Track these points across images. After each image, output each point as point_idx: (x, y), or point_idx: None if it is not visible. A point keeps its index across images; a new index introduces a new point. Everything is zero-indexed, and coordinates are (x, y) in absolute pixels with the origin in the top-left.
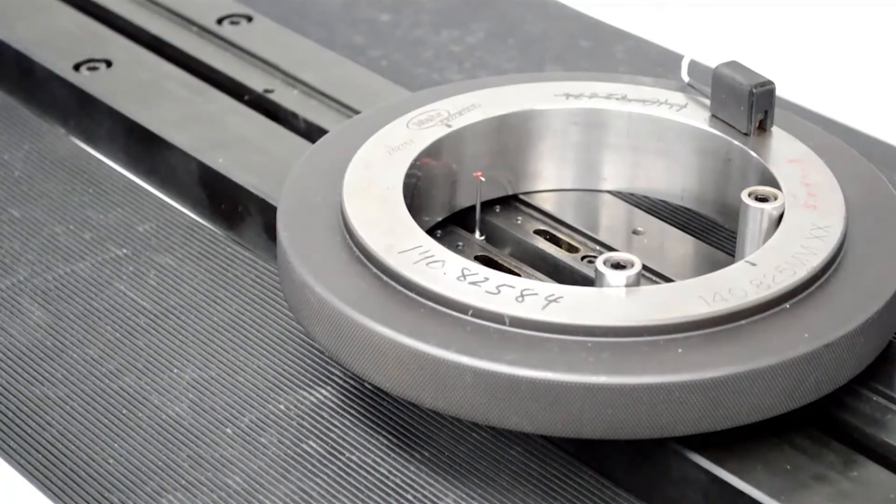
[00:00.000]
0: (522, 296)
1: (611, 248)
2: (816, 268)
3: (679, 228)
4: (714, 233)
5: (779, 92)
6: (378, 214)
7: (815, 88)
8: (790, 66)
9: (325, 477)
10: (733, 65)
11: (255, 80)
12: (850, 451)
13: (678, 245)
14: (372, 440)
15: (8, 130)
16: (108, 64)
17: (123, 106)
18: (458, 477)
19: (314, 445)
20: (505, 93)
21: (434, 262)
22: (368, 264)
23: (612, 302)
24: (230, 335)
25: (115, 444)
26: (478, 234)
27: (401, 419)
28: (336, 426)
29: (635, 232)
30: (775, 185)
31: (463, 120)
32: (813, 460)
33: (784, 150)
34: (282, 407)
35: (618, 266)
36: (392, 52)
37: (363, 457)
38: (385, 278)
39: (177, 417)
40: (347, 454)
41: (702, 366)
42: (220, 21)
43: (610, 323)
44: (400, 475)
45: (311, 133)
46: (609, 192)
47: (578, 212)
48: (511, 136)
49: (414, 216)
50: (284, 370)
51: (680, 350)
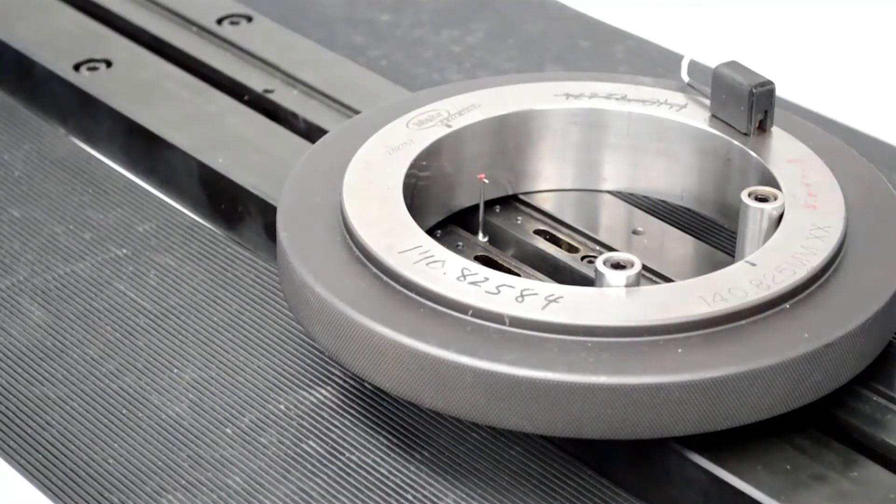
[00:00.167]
0: (522, 296)
1: (611, 248)
2: (816, 268)
3: (679, 228)
4: (714, 233)
5: (779, 92)
6: (378, 214)
7: (815, 88)
8: (790, 66)
9: (325, 477)
10: (733, 65)
11: (254, 80)
12: (850, 451)
13: (678, 245)
14: (372, 440)
15: (8, 130)
16: (108, 64)
17: (123, 106)
18: (458, 477)
19: (314, 445)
20: (505, 93)
21: (434, 262)
22: (368, 264)
23: (612, 302)
24: (230, 335)
25: (115, 444)
26: (481, 235)
27: (401, 419)
28: (336, 426)
29: (635, 232)
30: (775, 185)
31: (463, 120)
32: (813, 460)
33: (784, 150)
34: (282, 407)
35: (618, 266)
36: (392, 52)
37: (363, 457)
38: (385, 278)
39: (177, 417)
40: (347, 454)
41: (702, 366)
42: (219, 21)
43: (610, 323)
44: (400, 475)
45: (311, 133)
46: (609, 192)
47: (578, 212)
48: (511, 136)
49: (414, 216)
50: (284, 370)
51: (680, 350)
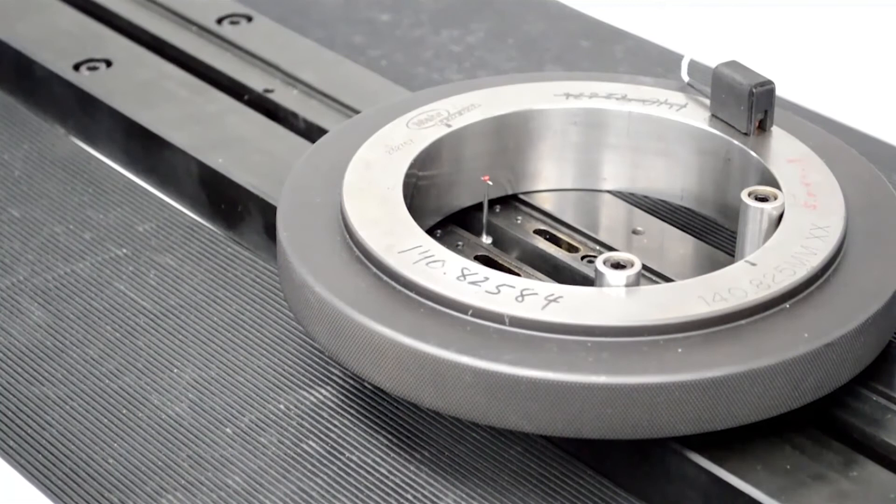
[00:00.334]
0: (522, 295)
1: (611, 248)
2: (816, 268)
3: (679, 228)
4: (714, 233)
5: (779, 92)
6: (378, 214)
7: (815, 88)
8: (790, 66)
9: (325, 477)
10: (733, 65)
11: (254, 79)
12: (849, 450)
13: (678, 245)
14: (372, 440)
15: (8, 130)
16: (108, 64)
17: (123, 106)
18: (458, 477)
19: (314, 445)
20: (505, 93)
21: (434, 261)
22: (368, 264)
23: (611, 302)
24: (230, 335)
25: (115, 444)
26: (485, 237)
27: (401, 419)
28: (336, 426)
29: (635, 232)
30: (775, 184)
31: (463, 120)
32: (813, 460)
33: (784, 150)
34: (282, 407)
35: (618, 266)
36: (392, 51)
37: (363, 457)
38: (385, 278)
39: (177, 417)
40: (347, 454)
41: (702, 366)
42: (219, 21)
43: (610, 323)
44: (400, 475)
45: (311, 133)
46: (609, 191)
47: (578, 212)
48: (511, 135)
49: (414, 216)
50: (284, 370)
51: (680, 350)
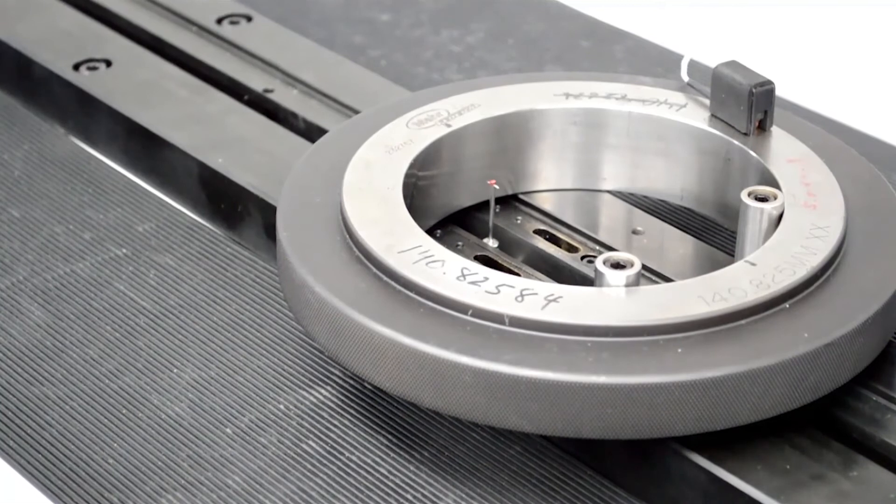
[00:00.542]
0: (522, 295)
1: (610, 248)
2: (816, 268)
3: (679, 228)
4: (714, 233)
5: (779, 92)
6: (378, 214)
7: (815, 88)
8: (790, 66)
9: (324, 477)
10: (733, 65)
11: (254, 79)
12: (849, 451)
13: (678, 245)
14: (372, 440)
15: (8, 130)
16: (108, 64)
17: (123, 106)
18: (458, 477)
19: (314, 445)
20: (504, 93)
21: (434, 261)
22: (368, 264)
23: (611, 302)
24: (230, 335)
25: (115, 444)
26: (490, 240)
27: (401, 419)
28: (336, 426)
29: (635, 232)
30: (775, 184)
31: (462, 120)
32: (813, 460)
33: (784, 150)
34: (282, 407)
35: (617, 266)
36: (392, 52)
37: (363, 457)
38: (385, 278)
39: (177, 417)
40: (347, 454)
41: (702, 366)
42: (219, 21)
43: (609, 323)
44: (400, 475)
45: (311, 133)
46: (609, 191)
47: (578, 212)
48: (511, 135)
49: (414, 216)
50: (284, 370)
51: (680, 350)
